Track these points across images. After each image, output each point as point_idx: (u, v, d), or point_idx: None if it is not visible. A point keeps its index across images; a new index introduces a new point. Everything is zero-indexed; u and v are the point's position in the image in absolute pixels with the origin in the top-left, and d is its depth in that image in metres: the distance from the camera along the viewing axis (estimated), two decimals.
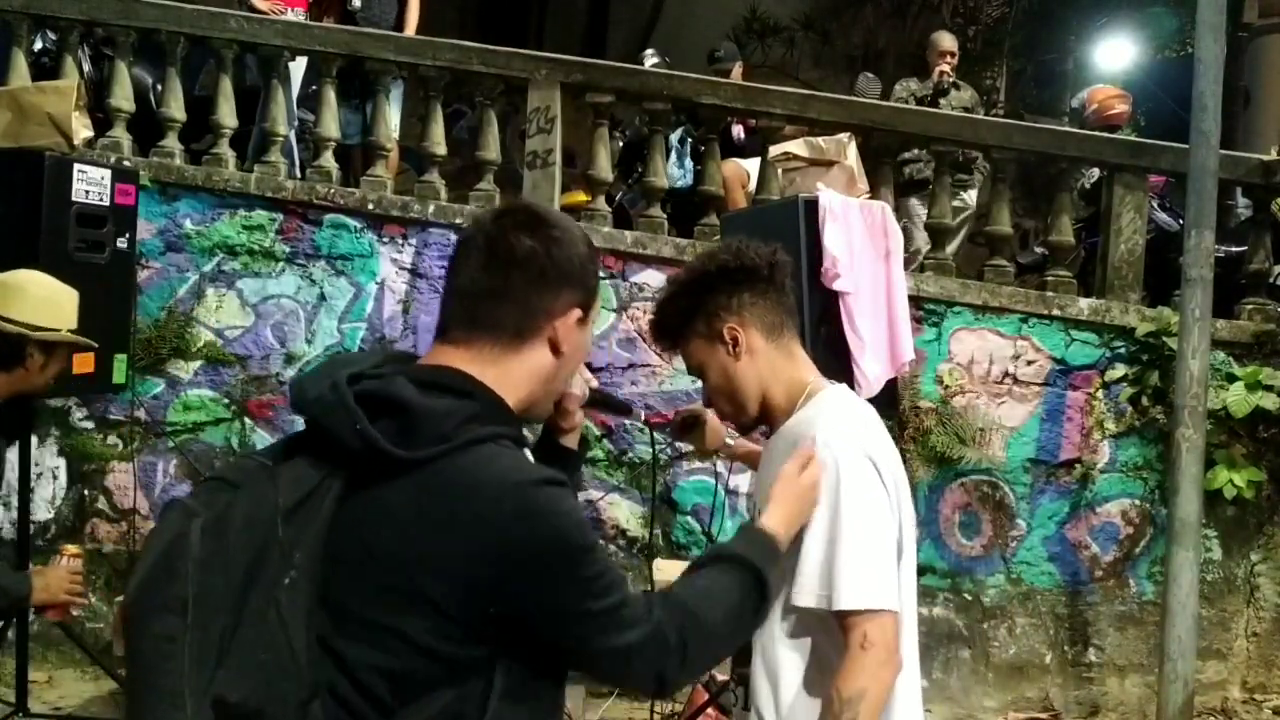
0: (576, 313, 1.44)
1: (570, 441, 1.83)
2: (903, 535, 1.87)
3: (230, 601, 1.22)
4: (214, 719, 1.18)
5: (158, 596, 1.23)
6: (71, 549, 3.27)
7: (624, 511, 5.08)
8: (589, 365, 1.94)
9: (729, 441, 2.45)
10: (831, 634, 1.81)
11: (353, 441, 1.26)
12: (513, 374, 1.41)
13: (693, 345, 1.96)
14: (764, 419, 2.00)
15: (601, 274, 5.18)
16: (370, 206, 5.27)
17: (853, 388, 3.28)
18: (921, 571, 4.62)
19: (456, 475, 1.27)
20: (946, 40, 6.85)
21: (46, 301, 3.14)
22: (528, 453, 1.44)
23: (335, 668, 1.24)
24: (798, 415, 1.92)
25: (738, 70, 6.83)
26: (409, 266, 5.23)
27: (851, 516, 1.77)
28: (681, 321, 1.96)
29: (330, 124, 5.50)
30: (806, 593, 1.79)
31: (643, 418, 2.28)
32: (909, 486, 1.96)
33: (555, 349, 1.43)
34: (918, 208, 6.26)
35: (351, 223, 5.26)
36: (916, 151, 6.16)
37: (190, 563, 1.23)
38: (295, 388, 1.34)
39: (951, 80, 6.71)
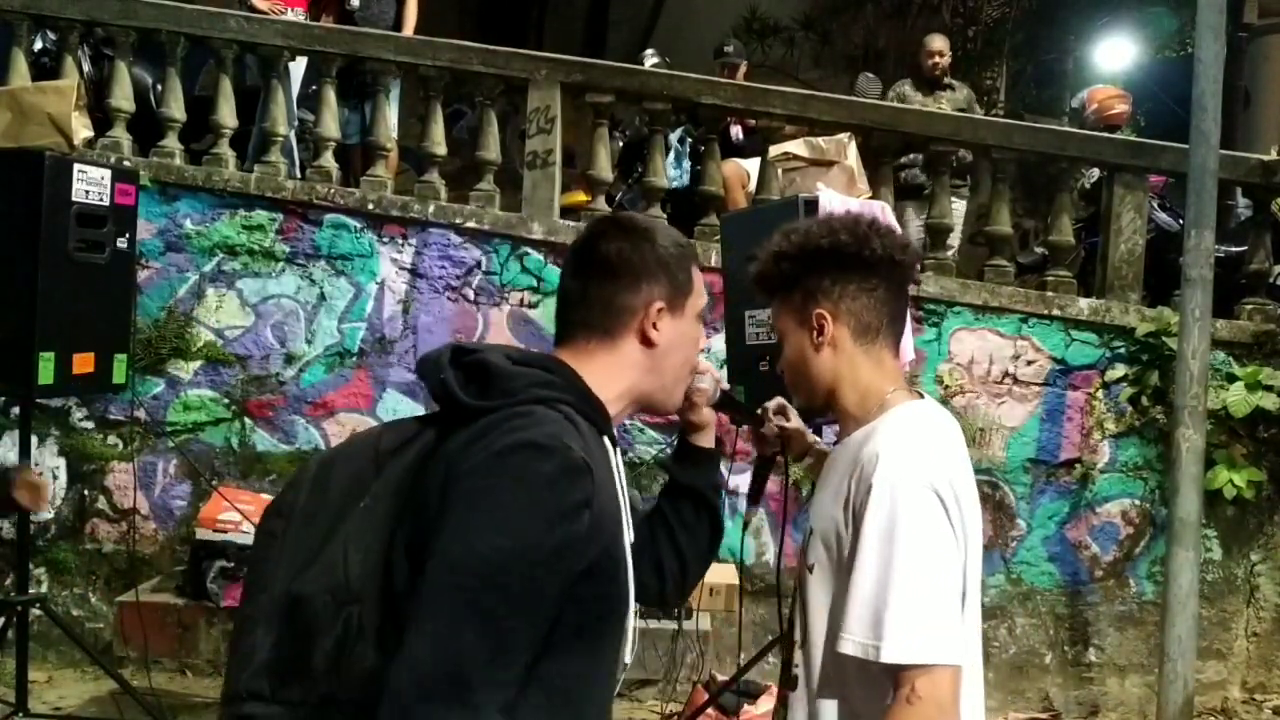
0: (659, 304, 1.53)
1: (703, 440, 1.83)
2: (967, 579, 1.68)
3: (327, 517, 1.39)
4: (285, 603, 1.36)
5: (274, 503, 1.48)
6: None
7: None
8: None
9: (818, 444, 2.17)
10: (871, 684, 1.63)
11: (438, 390, 1.41)
12: (609, 368, 1.52)
13: (782, 311, 1.85)
14: (831, 414, 1.88)
15: None
16: (370, 206, 5.27)
17: None
18: None
19: (500, 423, 1.34)
20: (936, 41, 6.88)
21: None
22: (608, 445, 1.47)
23: (382, 585, 1.32)
24: (867, 428, 1.75)
25: (743, 69, 6.84)
26: (409, 266, 5.23)
27: (908, 557, 1.57)
28: (778, 284, 1.84)
29: (330, 124, 5.50)
30: (852, 640, 1.59)
31: (771, 428, 2.05)
32: (979, 515, 1.78)
33: (646, 341, 1.53)
34: (913, 218, 6.27)
35: (351, 223, 5.26)
36: (912, 156, 6.16)
37: (305, 482, 1.46)
38: (420, 357, 1.55)
39: (947, 81, 6.73)
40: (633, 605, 1.48)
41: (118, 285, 4.03)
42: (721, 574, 4.38)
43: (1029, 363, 5.09)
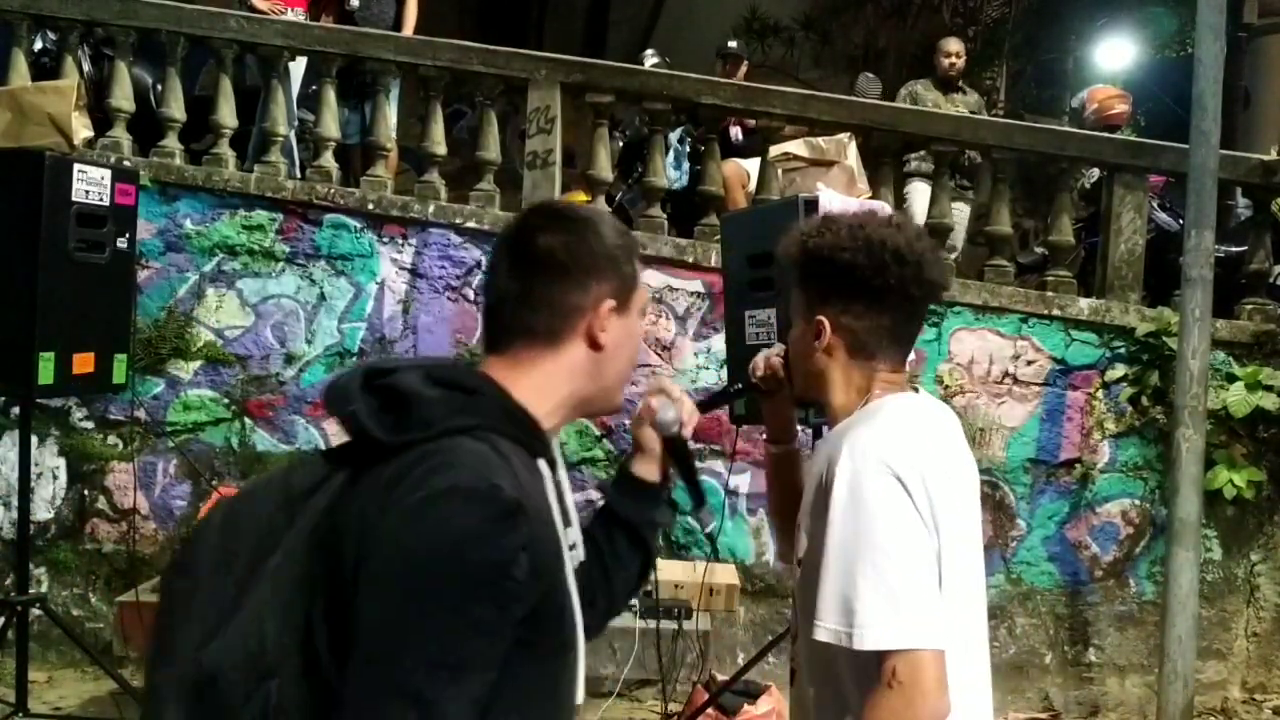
0: (609, 303, 1.41)
1: (646, 469, 1.64)
2: (953, 557, 1.65)
3: (236, 575, 1.27)
4: (195, 678, 1.23)
5: (177, 557, 1.38)
6: None
7: None
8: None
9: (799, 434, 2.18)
10: (860, 670, 1.61)
11: (347, 425, 1.28)
12: (551, 376, 1.39)
13: (794, 298, 1.85)
14: (822, 407, 1.88)
15: None
16: (370, 206, 5.27)
17: None
18: None
19: (418, 463, 1.21)
20: (953, 43, 6.93)
21: None
22: (543, 468, 1.35)
23: (302, 656, 1.20)
24: (845, 423, 1.76)
25: (744, 68, 6.84)
26: (409, 266, 5.24)
27: (873, 539, 1.57)
28: (796, 275, 1.83)
29: (330, 124, 5.50)
30: (824, 628, 1.59)
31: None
32: (975, 498, 1.79)
33: (594, 344, 1.41)
34: (919, 189, 6.27)
35: (351, 223, 5.26)
36: (922, 153, 6.19)
37: (210, 533, 1.33)
38: (328, 382, 1.37)
39: (960, 85, 6.75)
40: (581, 645, 1.36)
41: (118, 285, 4.03)
42: (721, 574, 4.38)
43: (1029, 363, 5.09)
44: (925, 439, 1.71)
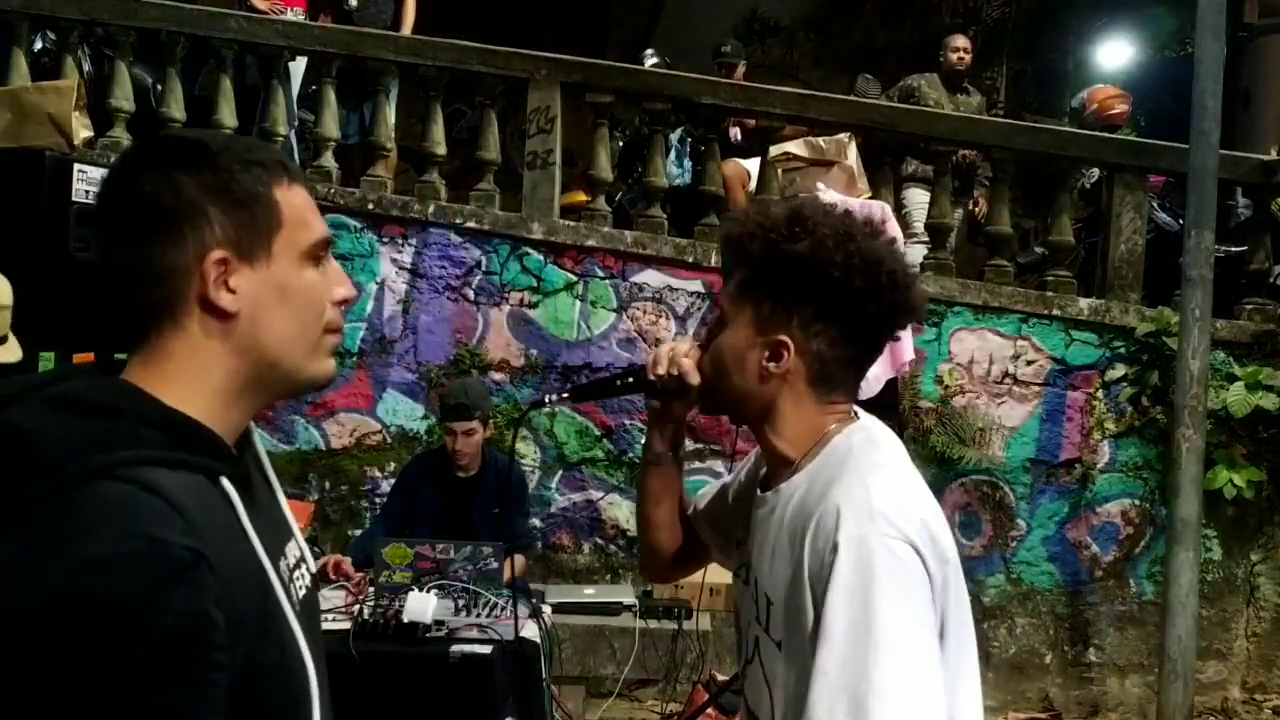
0: (217, 254, 1.07)
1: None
2: (948, 619, 1.38)
3: None
4: None
5: None
6: None
7: (624, 511, 5.09)
8: (591, 366, 1.70)
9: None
10: None
11: None
12: (191, 364, 1.09)
13: (741, 294, 1.49)
14: (746, 427, 1.56)
15: (601, 274, 5.18)
16: (370, 206, 5.27)
17: None
18: None
19: (49, 527, 0.94)
20: (960, 39, 6.92)
21: None
22: (227, 487, 1.07)
23: None
24: (809, 472, 1.45)
25: (741, 69, 6.84)
26: (409, 266, 5.24)
27: (890, 629, 1.28)
28: (753, 277, 1.48)
29: (330, 124, 5.50)
30: None
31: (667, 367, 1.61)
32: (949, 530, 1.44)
33: (214, 310, 1.08)
34: (919, 195, 6.27)
35: (351, 223, 5.26)
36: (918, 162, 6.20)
37: None
38: None
39: (965, 86, 6.74)
40: (315, 692, 1.10)
41: None
42: (722, 574, 4.37)
43: (1029, 363, 5.09)
44: (914, 478, 1.46)
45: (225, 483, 1.07)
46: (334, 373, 1.23)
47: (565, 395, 1.83)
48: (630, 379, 1.68)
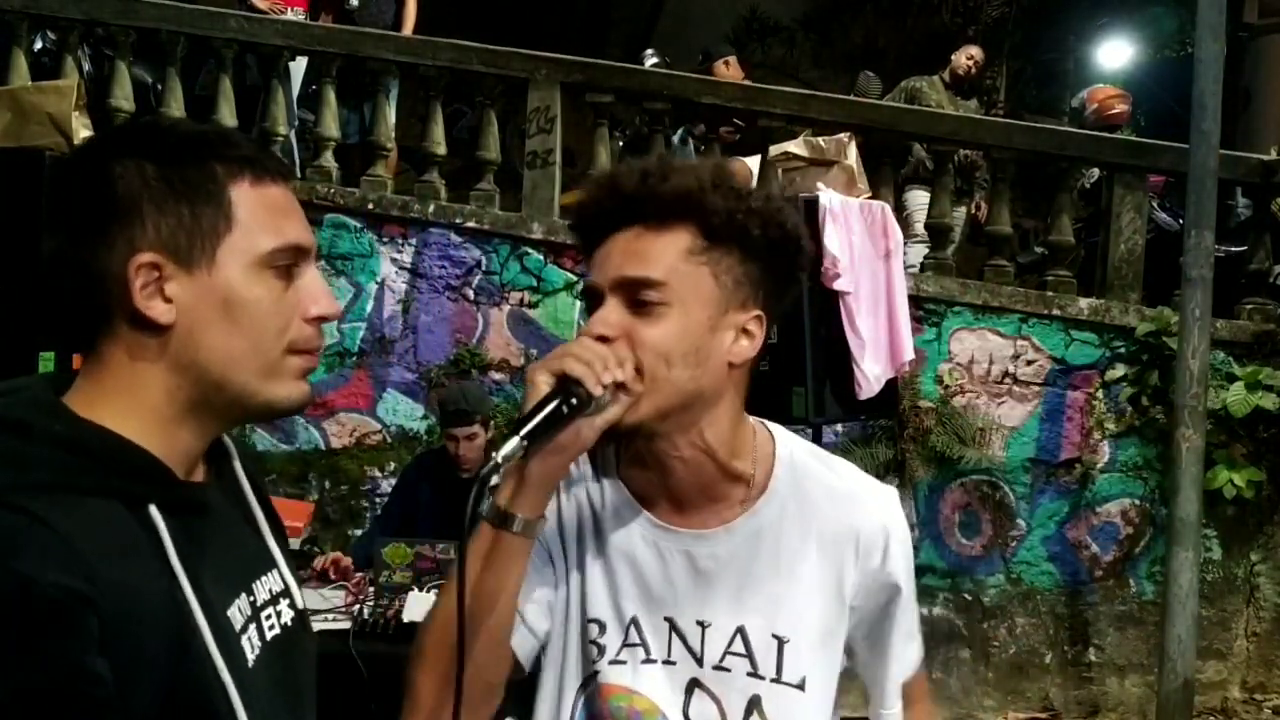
0: (145, 258, 0.93)
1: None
2: None
3: None
4: None
5: None
6: None
7: None
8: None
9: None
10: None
11: None
12: (123, 377, 0.96)
13: (686, 278, 1.18)
14: (655, 438, 1.24)
15: None
16: (370, 206, 5.28)
17: (853, 388, 3.31)
18: (922, 571, 4.62)
19: None
20: (974, 49, 6.97)
21: None
22: (156, 517, 0.94)
23: None
24: (779, 493, 1.29)
25: (727, 68, 6.82)
26: (409, 266, 5.24)
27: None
28: (709, 236, 1.18)
29: (330, 124, 5.50)
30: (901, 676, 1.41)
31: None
32: None
33: (146, 322, 0.95)
34: (919, 196, 6.27)
35: (351, 223, 5.26)
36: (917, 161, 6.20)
37: None
38: None
39: (965, 91, 6.76)
40: None
41: None
42: None
43: (1029, 362, 5.09)
44: None
45: (153, 510, 0.93)
46: (305, 398, 1.04)
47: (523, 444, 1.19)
48: (573, 400, 1.16)
